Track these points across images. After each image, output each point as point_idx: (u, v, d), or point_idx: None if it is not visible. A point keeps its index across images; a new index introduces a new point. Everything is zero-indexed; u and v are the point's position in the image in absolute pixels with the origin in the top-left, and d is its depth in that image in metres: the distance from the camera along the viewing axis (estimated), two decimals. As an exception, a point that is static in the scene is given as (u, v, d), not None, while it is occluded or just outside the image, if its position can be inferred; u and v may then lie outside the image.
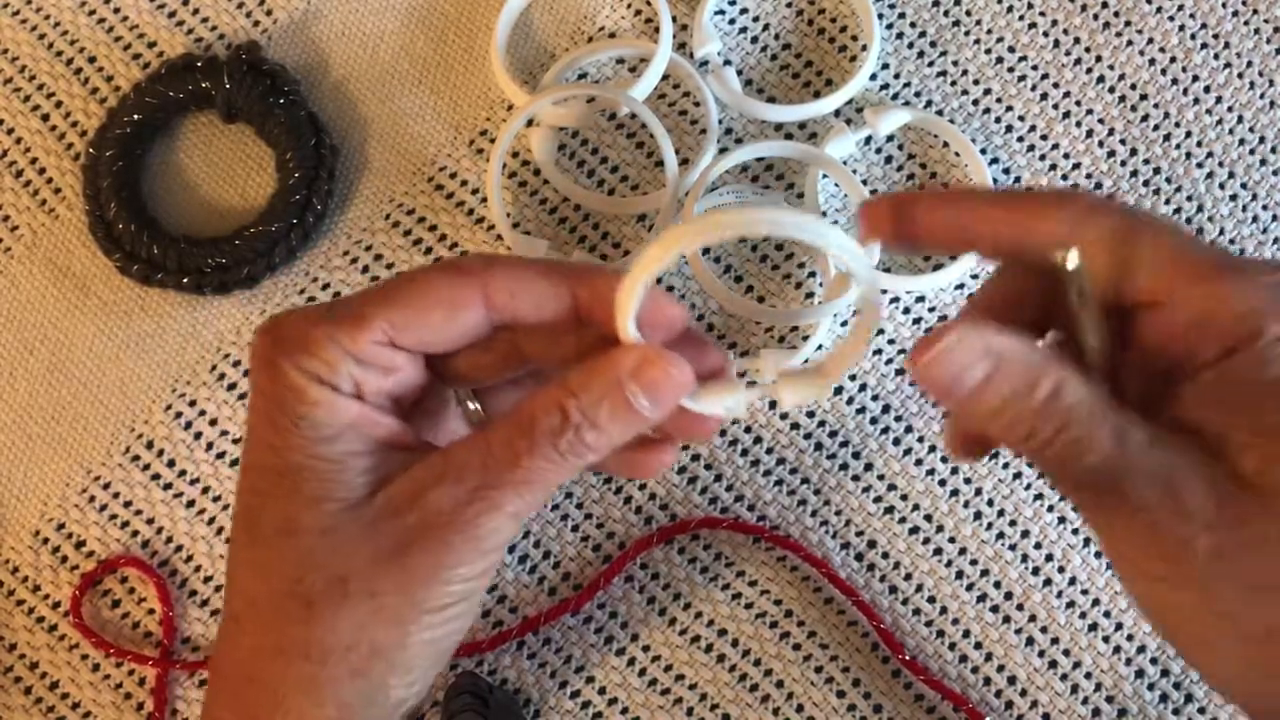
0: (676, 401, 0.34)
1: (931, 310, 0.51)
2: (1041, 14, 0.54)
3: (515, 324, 0.35)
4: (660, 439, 0.37)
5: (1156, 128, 0.53)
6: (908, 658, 0.48)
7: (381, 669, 0.33)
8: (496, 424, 0.34)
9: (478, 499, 0.33)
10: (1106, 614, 0.49)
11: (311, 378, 0.33)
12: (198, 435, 0.51)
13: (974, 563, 0.50)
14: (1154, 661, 0.49)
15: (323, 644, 0.33)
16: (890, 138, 0.53)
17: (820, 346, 0.51)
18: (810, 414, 0.51)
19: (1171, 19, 0.54)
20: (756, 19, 0.54)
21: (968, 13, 0.54)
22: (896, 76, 0.53)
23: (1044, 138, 0.53)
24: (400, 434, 0.35)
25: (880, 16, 0.53)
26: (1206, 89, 0.53)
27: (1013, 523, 0.50)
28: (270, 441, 0.34)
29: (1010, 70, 0.53)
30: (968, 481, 0.50)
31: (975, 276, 0.51)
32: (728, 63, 0.53)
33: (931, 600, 0.49)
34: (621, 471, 0.37)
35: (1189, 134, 0.53)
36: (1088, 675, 0.49)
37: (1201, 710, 0.49)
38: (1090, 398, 0.31)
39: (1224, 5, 0.54)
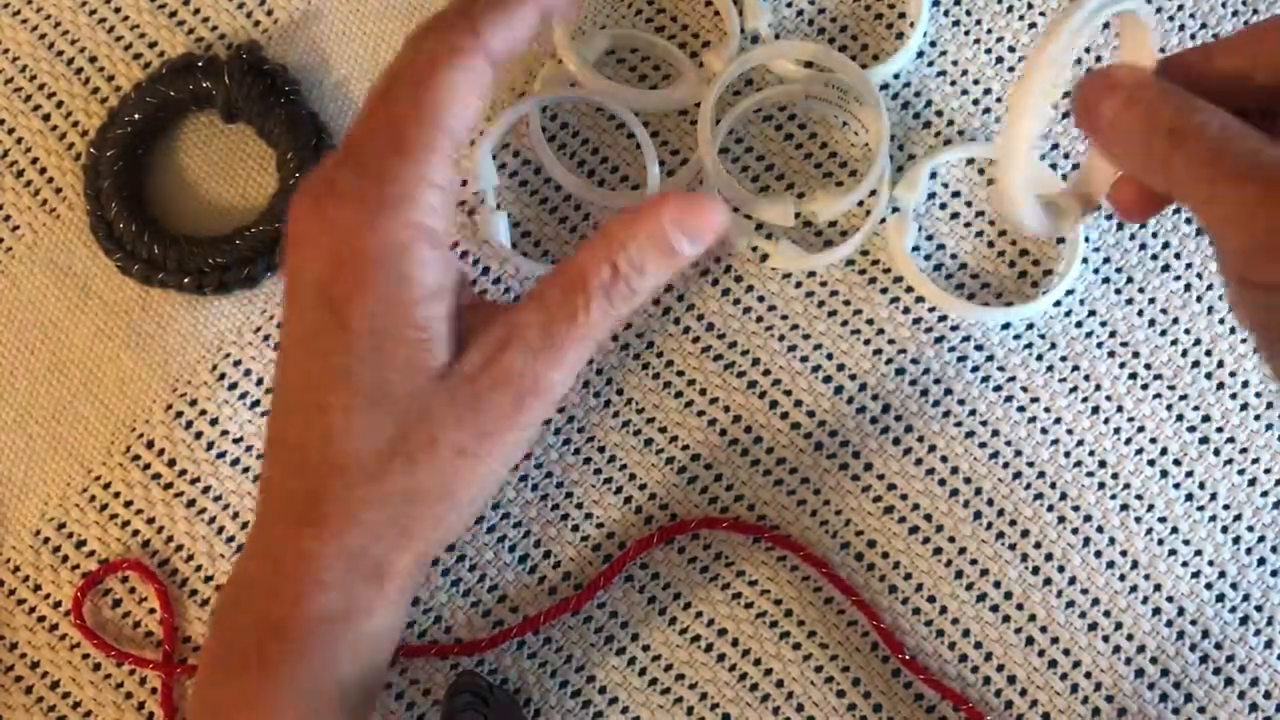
0: (712, 240, 0.37)
1: (931, 310, 0.51)
2: (1041, 14, 0.54)
3: None
4: None
5: (1157, 127, 0.53)
6: (908, 657, 0.48)
7: (456, 515, 0.38)
8: (549, 285, 0.37)
9: (543, 358, 0.36)
10: (1106, 613, 0.49)
11: (418, 231, 0.35)
12: (198, 435, 0.51)
13: (974, 562, 0.50)
14: (1154, 661, 0.49)
15: (421, 493, 0.37)
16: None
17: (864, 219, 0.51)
18: (810, 414, 0.51)
19: (1171, 19, 0.54)
20: None
21: (968, 12, 0.54)
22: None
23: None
24: (464, 274, 0.37)
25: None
26: (1207, 89, 0.53)
27: (1012, 522, 0.50)
28: (370, 307, 0.35)
29: (1010, 70, 0.53)
30: (967, 481, 0.50)
31: (985, 284, 0.51)
32: (778, 36, 0.53)
33: (931, 600, 0.49)
34: None
35: (1189, 134, 0.53)
36: (1087, 675, 0.49)
37: (1201, 710, 0.49)
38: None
39: (1224, 5, 0.54)
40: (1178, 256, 0.52)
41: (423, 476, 0.37)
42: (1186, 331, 0.51)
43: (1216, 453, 0.50)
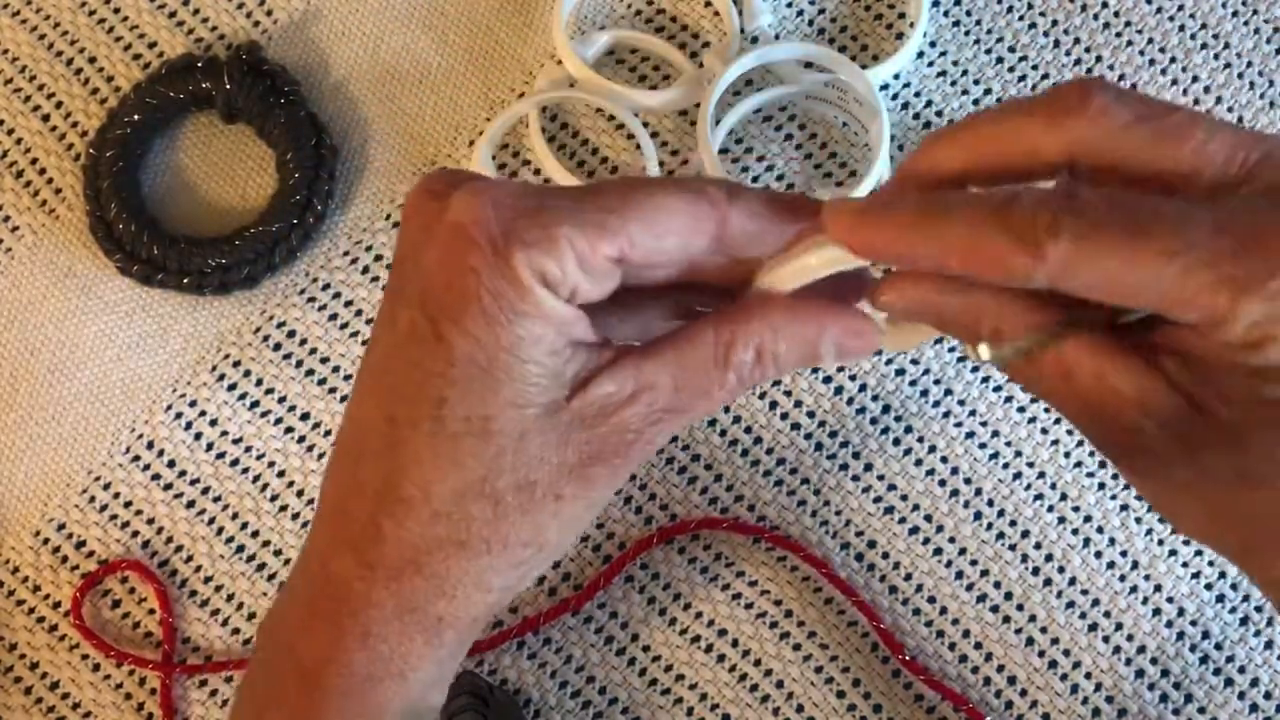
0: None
1: (931, 310, 0.51)
2: (1041, 14, 0.54)
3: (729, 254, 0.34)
4: None
5: (1156, 127, 0.53)
6: (908, 658, 0.48)
7: (539, 559, 0.35)
8: (690, 346, 0.34)
9: (666, 419, 0.34)
10: (1106, 614, 0.49)
11: (540, 278, 0.32)
12: (198, 436, 0.51)
13: (974, 563, 0.50)
14: (1154, 661, 0.49)
15: (504, 540, 0.34)
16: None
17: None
18: (810, 414, 0.51)
19: (1171, 19, 0.54)
20: None
21: (968, 13, 0.54)
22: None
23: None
24: (589, 334, 0.34)
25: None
26: (1206, 89, 0.53)
27: (1013, 523, 0.50)
28: (475, 332, 0.32)
29: (1010, 70, 0.53)
30: (968, 481, 0.50)
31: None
32: (778, 36, 0.53)
33: (931, 600, 0.49)
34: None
35: (1189, 134, 0.53)
36: (1087, 675, 0.49)
37: (1201, 710, 0.49)
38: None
39: (1224, 5, 0.54)
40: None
41: (510, 521, 0.33)
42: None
43: (1216, 453, 0.50)
